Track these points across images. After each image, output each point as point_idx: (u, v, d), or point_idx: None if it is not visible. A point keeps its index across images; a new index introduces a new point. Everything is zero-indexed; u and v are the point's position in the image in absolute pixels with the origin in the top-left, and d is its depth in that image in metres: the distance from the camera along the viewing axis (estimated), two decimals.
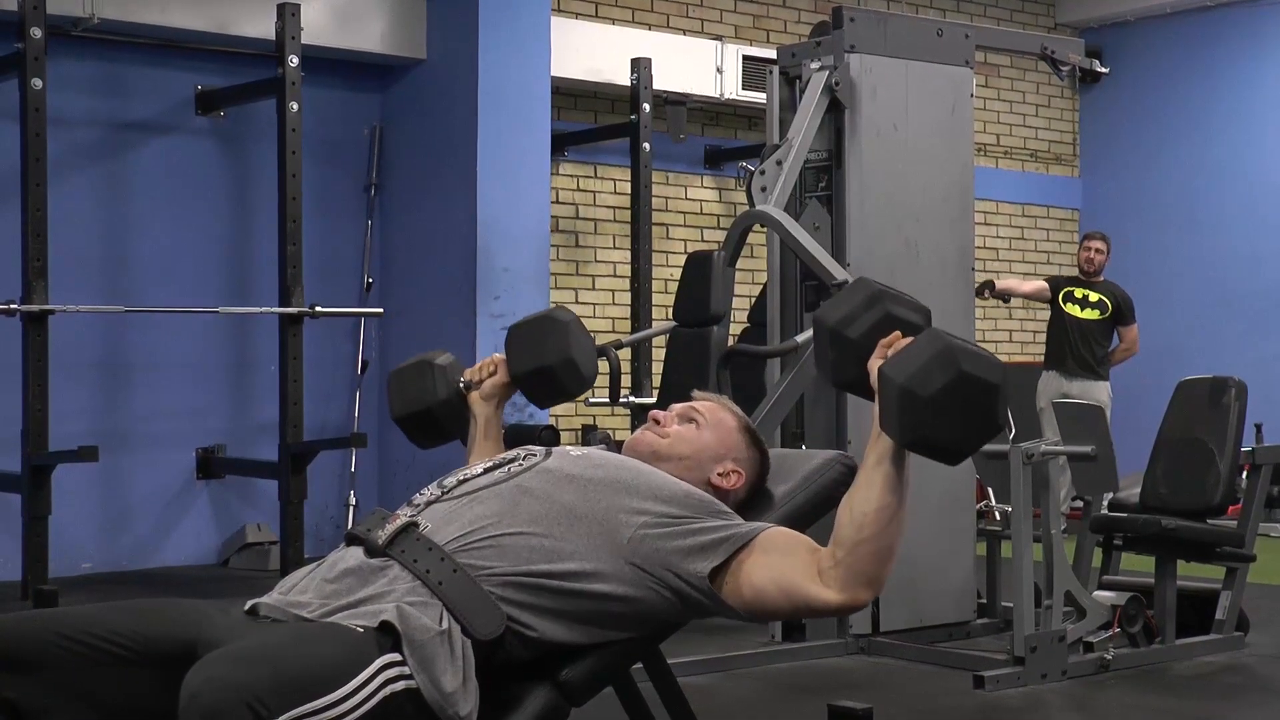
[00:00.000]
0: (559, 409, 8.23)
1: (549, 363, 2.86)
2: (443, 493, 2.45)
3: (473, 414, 2.94)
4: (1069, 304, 8.70)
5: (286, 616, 2.28)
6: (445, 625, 2.24)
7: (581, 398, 8.20)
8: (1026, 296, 9.10)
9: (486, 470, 2.49)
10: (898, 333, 2.35)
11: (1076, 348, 8.65)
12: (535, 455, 2.52)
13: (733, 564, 2.36)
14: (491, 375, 2.93)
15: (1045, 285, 8.91)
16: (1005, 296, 8.98)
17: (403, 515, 2.40)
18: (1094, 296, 8.66)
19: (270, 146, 6.92)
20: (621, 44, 8.35)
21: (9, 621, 2.25)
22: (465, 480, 2.47)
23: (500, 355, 2.93)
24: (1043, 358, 8.92)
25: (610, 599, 2.37)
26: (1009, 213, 10.71)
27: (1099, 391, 8.44)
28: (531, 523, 2.37)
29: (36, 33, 6.12)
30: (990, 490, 6.70)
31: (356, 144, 7.87)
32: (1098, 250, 8.74)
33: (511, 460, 2.51)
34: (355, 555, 2.35)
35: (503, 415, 2.96)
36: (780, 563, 2.35)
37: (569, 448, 2.59)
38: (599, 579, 2.36)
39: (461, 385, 2.92)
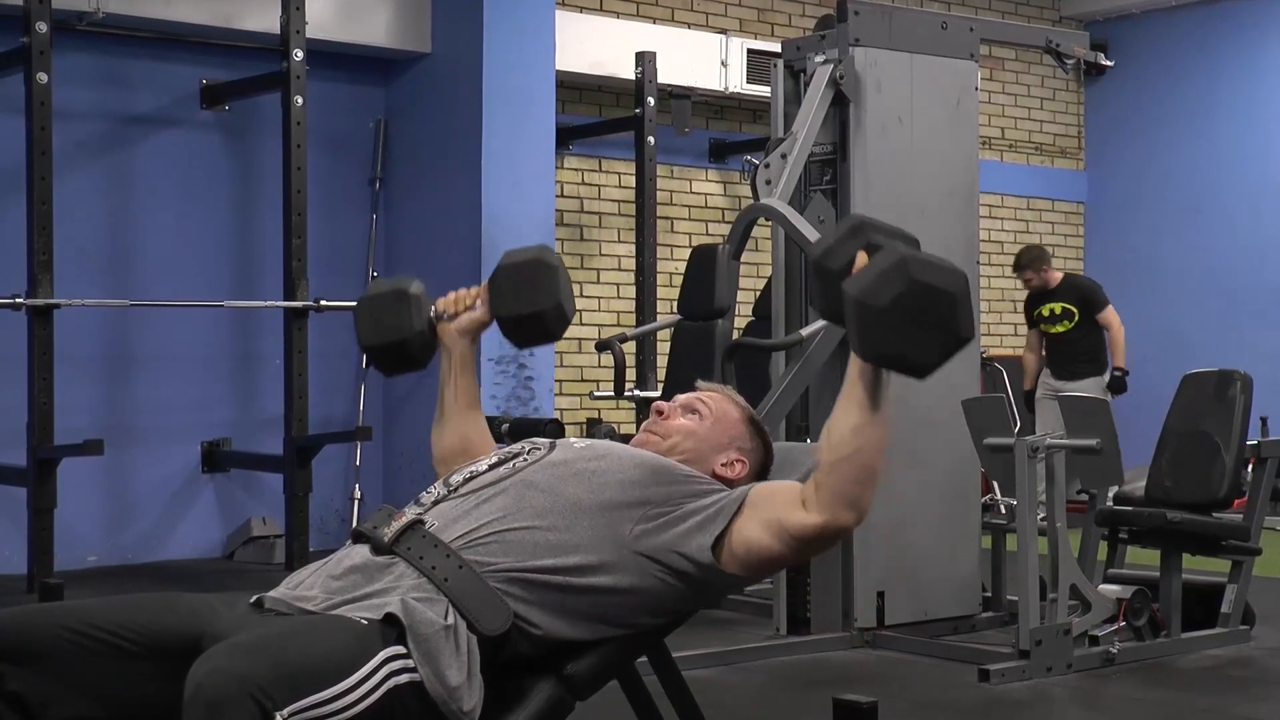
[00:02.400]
0: (564, 403, 8.24)
1: (541, 308, 2.75)
2: (449, 491, 2.45)
3: (445, 347, 2.82)
4: (1043, 324, 8.87)
5: (291, 610, 2.29)
6: (451, 620, 2.24)
7: (586, 391, 8.23)
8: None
9: (492, 466, 2.49)
10: (864, 257, 2.34)
11: (1058, 358, 8.86)
12: (540, 449, 2.52)
13: (730, 530, 2.39)
14: (468, 309, 2.81)
15: (1030, 349, 9.03)
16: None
17: (409, 513, 2.40)
18: (1057, 308, 8.78)
19: (275, 140, 6.93)
20: (626, 37, 8.34)
21: (14, 615, 2.25)
22: (471, 478, 2.47)
23: (478, 289, 2.82)
24: (1031, 373, 9.10)
25: (615, 592, 2.37)
26: (1014, 206, 10.70)
27: (1090, 389, 8.49)
28: (537, 516, 2.38)
29: (42, 27, 6.12)
30: (995, 483, 6.70)
31: (361, 137, 7.88)
32: (1027, 279, 8.85)
33: (517, 455, 2.52)
34: (361, 553, 2.35)
35: (475, 353, 2.85)
36: (766, 508, 2.39)
37: (573, 440, 2.60)
38: (603, 571, 2.37)
39: (433, 317, 2.81)
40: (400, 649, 2.18)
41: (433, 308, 2.82)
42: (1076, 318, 8.72)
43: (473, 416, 2.84)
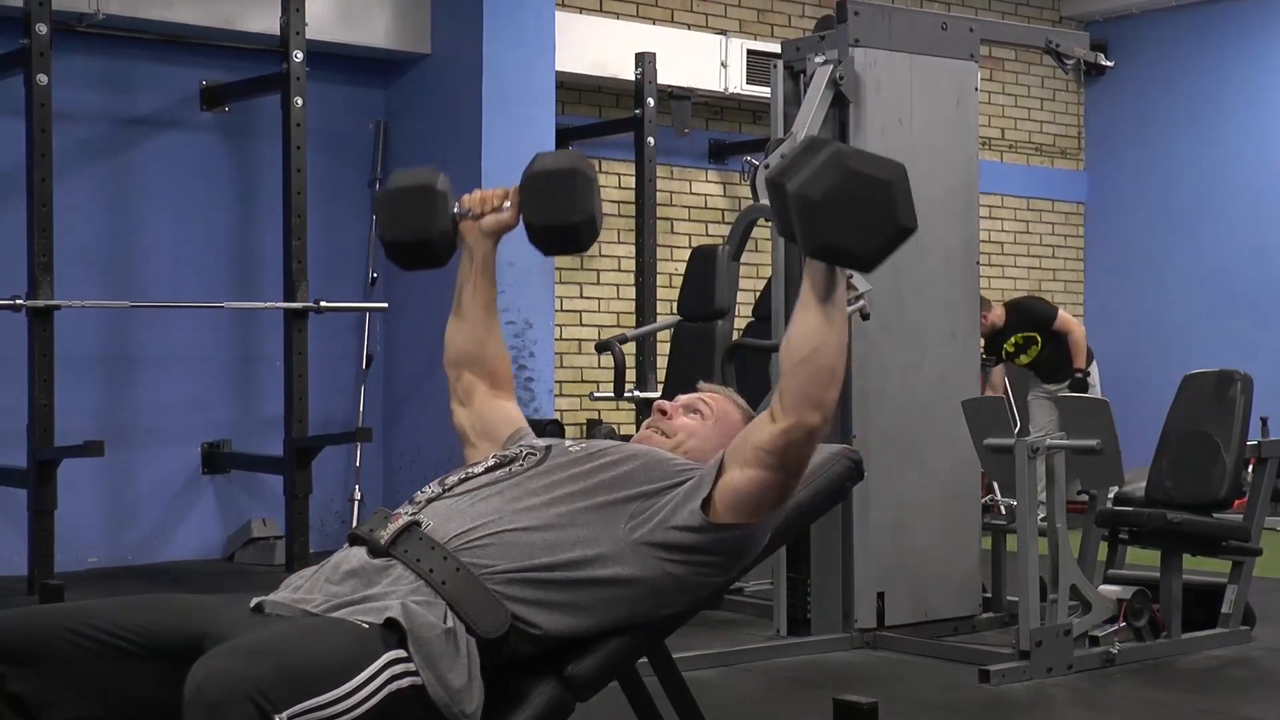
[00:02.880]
0: (563, 404, 8.24)
1: (575, 220, 2.67)
2: (443, 490, 2.45)
3: (467, 245, 2.78)
4: (1013, 361, 8.81)
5: (292, 612, 2.29)
6: (450, 624, 2.25)
7: (586, 392, 8.22)
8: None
9: (488, 469, 2.50)
10: None
11: (1043, 375, 8.87)
12: (535, 454, 2.53)
13: (716, 488, 2.41)
14: (495, 210, 2.76)
15: (994, 389, 8.79)
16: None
17: (404, 514, 2.40)
18: (1018, 339, 8.73)
19: (275, 141, 6.93)
20: (626, 38, 8.34)
21: (15, 616, 2.26)
22: (466, 479, 2.47)
23: (506, 190, 2.76)
24: None
25: (616, 582, 2.38)
26: (1014, 207, 10.70)
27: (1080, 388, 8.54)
28: (532, 518, 2.38)
29: (42, 28, 6.12)
30: (995, 484, 6.70)
31: (361, 138, 7.88)
32: (979, 321, 8.77)
33: (513, 460, 2.52)
34: (358, 556, 2.35)
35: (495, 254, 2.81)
36: (740, 450, 2.41)
37: (567, 443, 2.60)
38: (603, 563, 2.38)
39: (456, 214, 2.76)
40: (401, 653, 2.18)
41: (456, 204, 2.76)
42: (1040, 340, 8.70)
43: (489, 320, 2.82)
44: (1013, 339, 8.71)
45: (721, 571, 2.48)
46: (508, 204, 2.74)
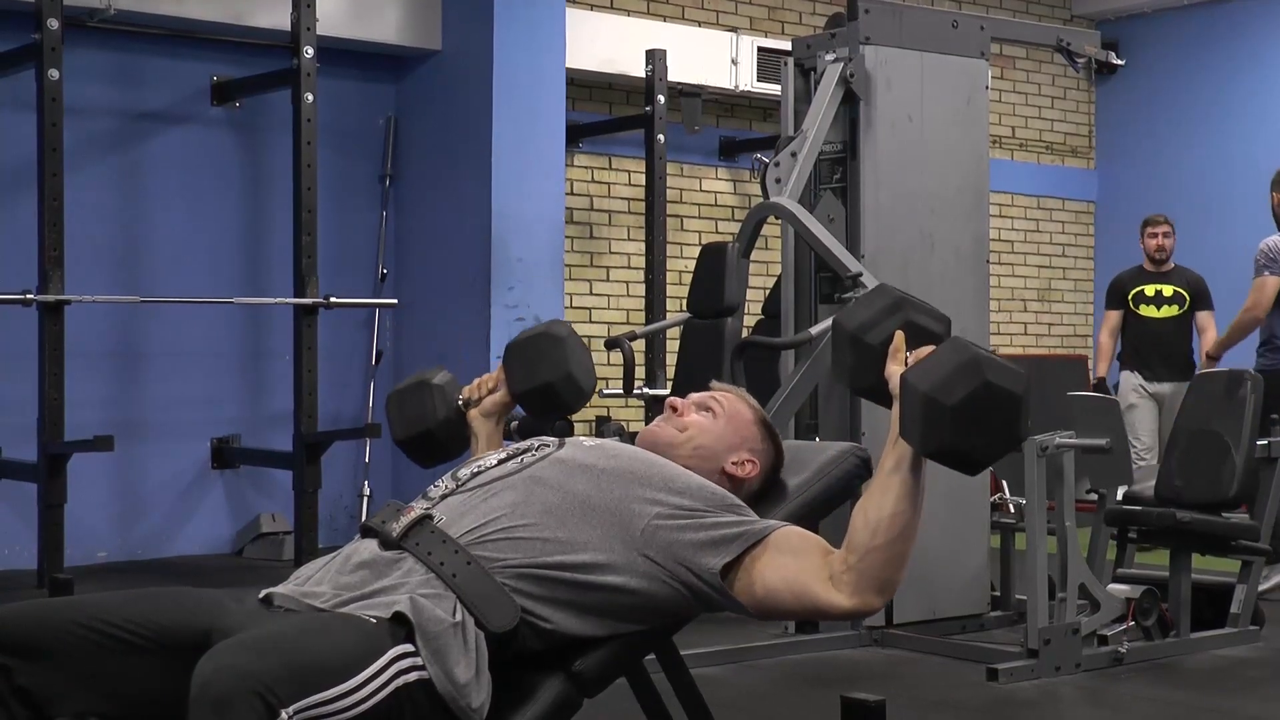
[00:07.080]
0: None
1: (549, 380, 2.86)
2: (457, 485, 2.45)
3: (473, 431, 2.93)
4: (1142, 305, 8.05)
5: (300, 607, 2.29)
6: (459, 617, 2.25)
7: (596, 389, 8.23)
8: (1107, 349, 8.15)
9: (500, 462, 2.49)
10: (901, 336, 2.38)
11: (1162, 350, 7.98)
12: (549, 446, 2.52)
13: (745, 560, 2.36)
14: (490, 392, 2.92)
15: (1110, 333, 8.13)
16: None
17: (417, 508, 2.40)
18: (1168, 290, 8.03)
19: (285, 137, 6.93)
20: (636, 35, 8.34)
21: (24, 609, 2.26)
22: (479, 473, 2.47)
23: (497, 373, 2.93)
24: (1106, 355, 8.28)
25: (621, 591, 2.37)
26: (1024, 205, 10.68)
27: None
28: (545, 513, 2.37)
29: (53, 23, 6.13)
30: (1004, 483, 6.69)
31: (371, 134, 7.88)
32: (1165, 234, 8.03)
33: (525, 451, 2.51)
34: (370, 548, 2.35)
35: (503, 431, 2.95)
36: (793, 564, 2.34)
37: (582, 438, 2.59)
38: (611, 571, 2.36)
39: (460, 404, 2.91)
40: (409, 647, 2.18)
41: (459, 396, 2.90)
42: (1188, 304, 7.91)
43: None
44: (1161, 286, 7.92)
45: (717, 610, 2.46)
46: (500, 383, 2.90)
